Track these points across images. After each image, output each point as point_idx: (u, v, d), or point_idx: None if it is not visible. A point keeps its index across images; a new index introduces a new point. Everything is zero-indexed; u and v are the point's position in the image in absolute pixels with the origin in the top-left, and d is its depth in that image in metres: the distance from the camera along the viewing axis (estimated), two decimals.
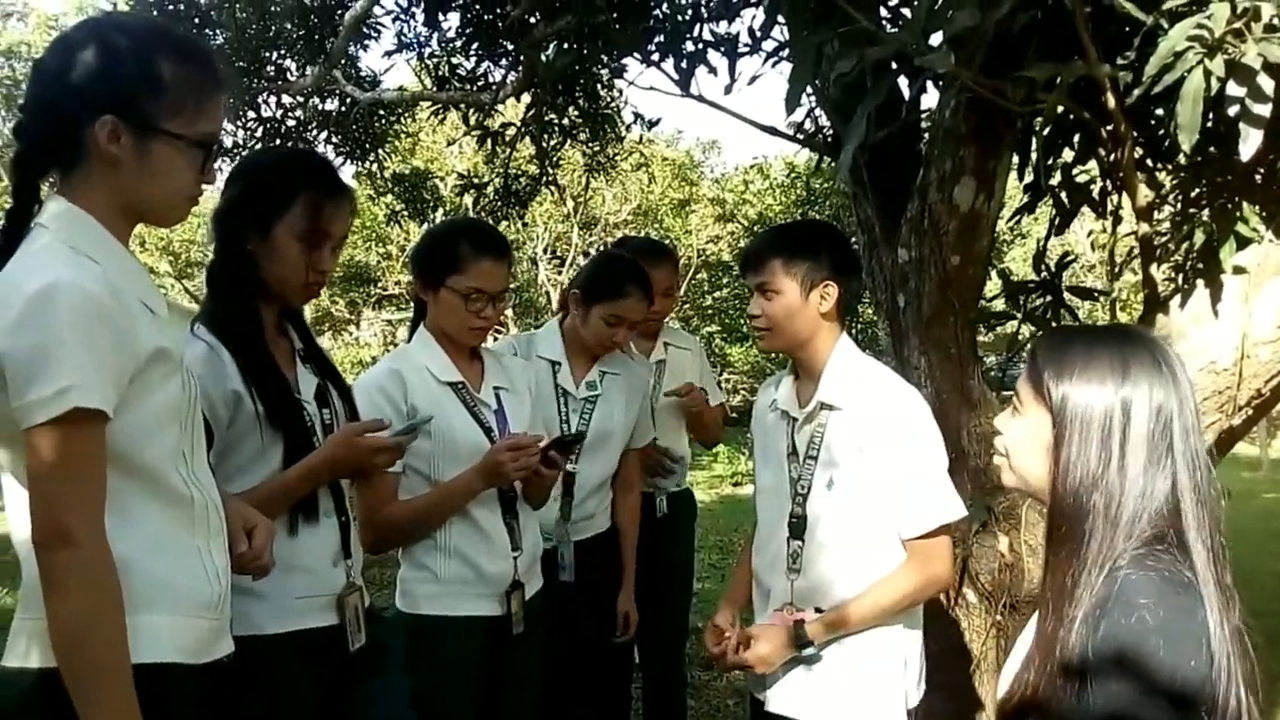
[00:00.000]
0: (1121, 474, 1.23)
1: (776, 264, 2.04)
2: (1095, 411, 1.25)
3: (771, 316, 2.05)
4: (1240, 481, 10.65)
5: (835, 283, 2.03)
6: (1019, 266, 14.34)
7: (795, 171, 14.83)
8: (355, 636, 1.88)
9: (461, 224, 2.56)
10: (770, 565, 2.11)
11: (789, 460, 2.09)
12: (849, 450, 2.00)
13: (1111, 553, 1.22)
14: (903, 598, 2.00)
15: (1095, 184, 2.79)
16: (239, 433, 1.80)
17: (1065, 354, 1.30)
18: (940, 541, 2.01)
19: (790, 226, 2.29)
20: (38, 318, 1.25)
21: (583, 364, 2.83)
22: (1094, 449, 1.25)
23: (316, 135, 5.21)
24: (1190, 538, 1.21)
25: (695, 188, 17.22)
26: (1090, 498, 1.24)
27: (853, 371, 2.05)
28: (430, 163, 12.87)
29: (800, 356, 2.10)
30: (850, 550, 2.01)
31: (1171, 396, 1.25)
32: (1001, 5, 1.94)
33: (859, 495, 1.99)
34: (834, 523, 2.01)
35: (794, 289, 2.02)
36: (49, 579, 1.26)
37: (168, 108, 1.38)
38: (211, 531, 1.47)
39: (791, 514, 2.05)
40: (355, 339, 17.89)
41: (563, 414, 2.78)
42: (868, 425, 1.99)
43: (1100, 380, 1.26)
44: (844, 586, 2.00)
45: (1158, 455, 1.23)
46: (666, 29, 3.11)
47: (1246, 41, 1.68)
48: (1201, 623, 1.15)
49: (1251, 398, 2.36)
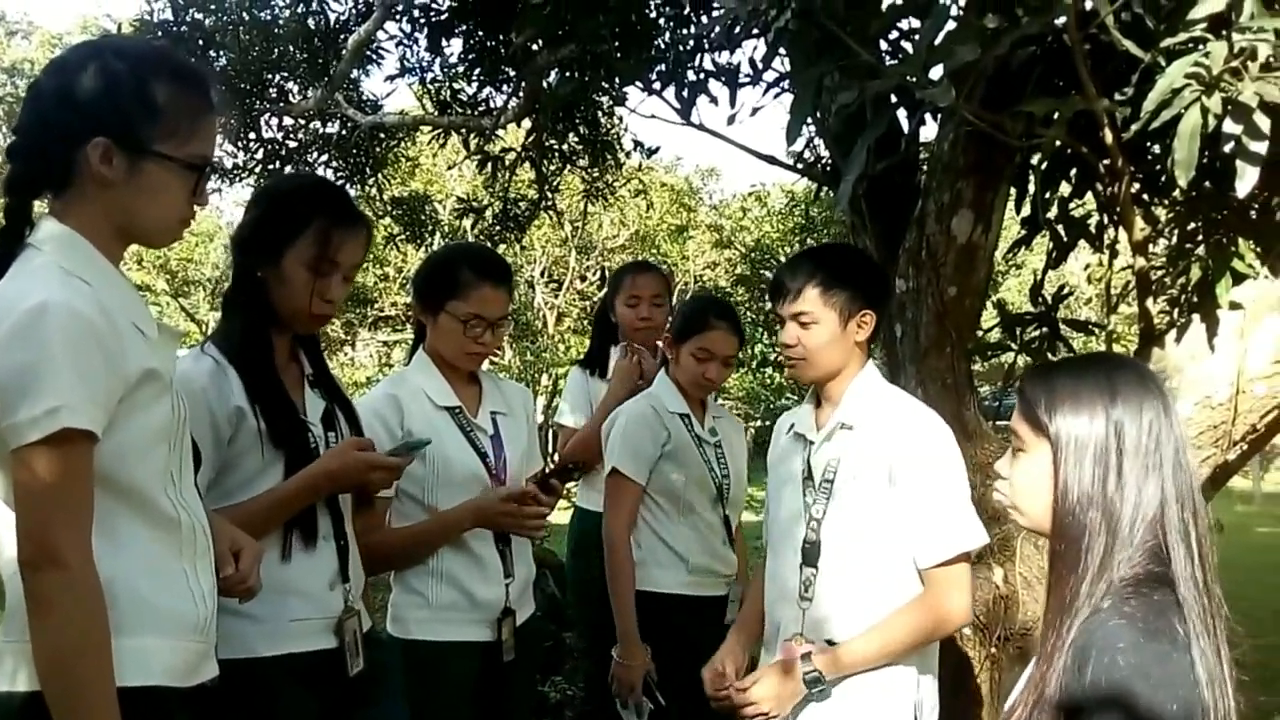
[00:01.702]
0: (1120, 490, 1.28)
1: (814, 294, 1.96)
2: (1089, 435, 1.30)
3: (809, 347, 1.98)
4: (1234, 515, 10.65)
5: (873, 312, 1.98)
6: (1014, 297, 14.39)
7: (794, 199, 14.91)
8: (354, 661, 1.87)
9: (463, 249, 2.55)
10: (781, 595, 2.03)
11: (804, 484, 2.02)
12: (866, 474, 1.93)
13: (1110, 563, 1.26)
14: (916, 635, 1.90)
15: (1092, 218, 2.81)
16: (240, 450, 1.80)
17: (1054, 385, 1.35)
18: (958, 571, 1.90)
19: (824, 253, 2.11)
20: (27, 337, 1.24)
21: (698, 411, 2.83)
22: (1089, 470, 1.29)
23: (317, 158, 5.23)
24: (1172, 540, 1.26)
25: (693, 214, 17.30)
26: (1088, 515, 1.28)
27: (873, 395, 2.00)
28: (429, 185, 12.92)
29: (828, 384, 2.03)
30: (864, 579, 1.92)
31: (1160, 417, 1.30)
32: (1001, 41, 1.96)
33: (875, 521, 1.91)
34: (848, 549, 1.93)
35: (833, 319, 1.96)
36: (35, 600, 1.25)
37: (161, 130, 1.38)
38: (198, 553, 1.45)
39: (805, 540, 1.97)
40: (351, 360, 17.86)
41: (708, 460, 2.78)
42: (886, 448, 1.92)
43: (1090, 404, 1.30)
44: (857, 618, 1.91)
45: (1149, 469, 1.28)
46: (668, 58, 3.14)
47: (1243, 80, 1.70)
48: (1178, 665, 1.17)
49: (1246, 432, 2.37)
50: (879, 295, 2.03)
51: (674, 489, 2.76)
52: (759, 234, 16.02)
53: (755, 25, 2.83)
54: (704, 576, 2.78)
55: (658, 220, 16.64)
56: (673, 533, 2.75)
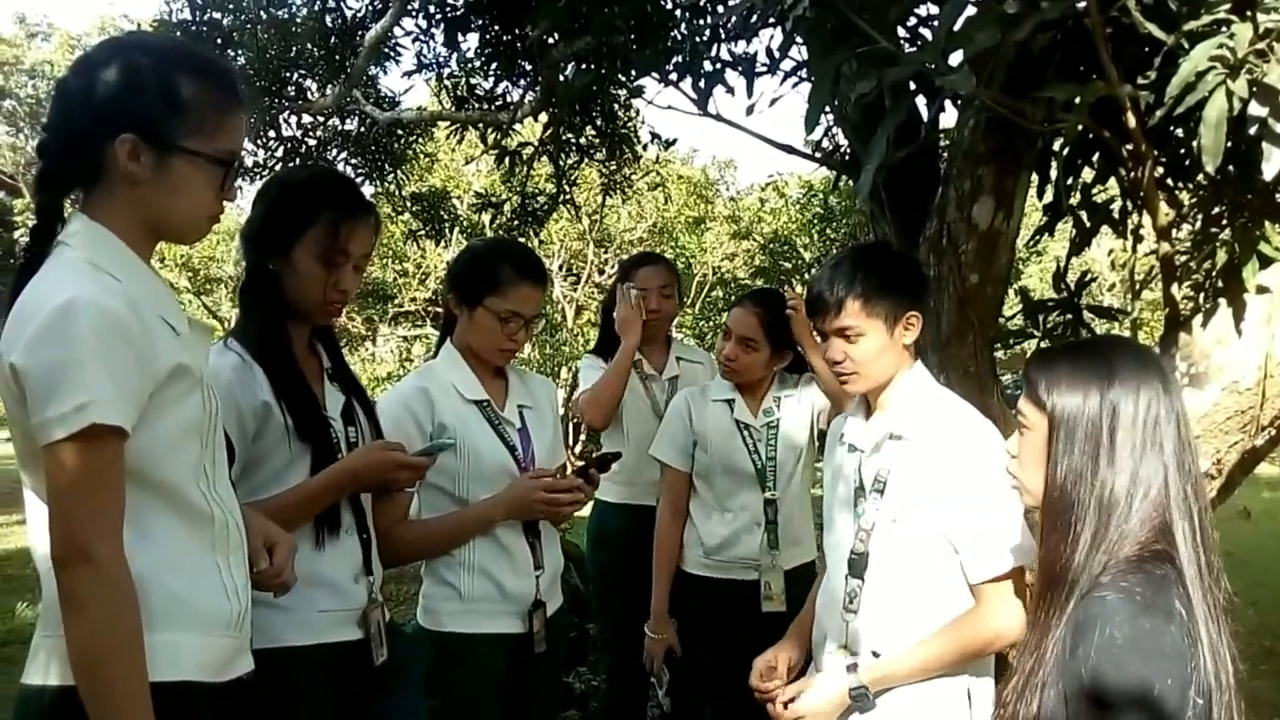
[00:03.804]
0: (1111, 467, 1.32)
1: (855, 306, 1.87)
2: (1083, 413, 1.34)
3: (859, 360, 1.90)
4: (1261, 501, 10.55)
5: (917, 311, 1.92)
6: (1037, 284, 14.29)
7: (812, 189, 14.84)
8: (378, 651, 1.90)
9: (504, 246, 2.55)
10: (828, 604, 1.98)
11: (855, 495, 1.96)
12: (916, 485, 1.86)
13: (1104, 537, 1.29)
14: (965, 650, 1.83)
15: (1115, 203, 2.78)
16: (267, 445, 1.82)
17: (1055, 365, 1.41)
18: (1010, 586, 1.81)
19: (859, 260, 1.95)
20: (57, 334, 1.25)
21: (750, 395, 2.88)
22: (1080, 446, 1.34)
23: (336, 155, 5.25)
24: (1174, 517, 1.29)
25: (711, 205, 17.24)
26: (1077, 490, 1.33)
27: (924, 402, 1.93)
28: (448, 181, 12.94)
29: (878, 391, 1.96)
30: (912, 592, 1.86)
31: (1160, 397, 1.33)
32: (1021, 26, 1.93)
33: (924, 534, 1.85)
34: (896, 562, 1.87)
35: (879, 328, 1.88)
36: (67, 596, 1.26)
37: (187, 125, 1.39)
38: (231, 548, 1.47)
39: (852, 551, 1.92)
40: (371, 355, 17.94)
41: (750, 445, 2.83)
42: (937, 459, 1.84)
43: (1086, 383, 1.35)
44: (904, 631, 1.85)
45: (1148, 447, 1.32)
46: (685, 49, 3.13)
47: (1269, 61, 1.67)
48: (1173, 640, 1.20)
49: (1275, 417, 2.34)
50: (920, 292, 1.96)
51: (702, 473, 2.87)
52: (777, 224, 15.96)
53: (772, 14, 2.82)
54: (724, 561, 2.82)
55: (675, 212, 16.59)
56: (697, 515, 2.88)
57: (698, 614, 2.86)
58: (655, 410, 3.23)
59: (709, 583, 2.84)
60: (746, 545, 2.80)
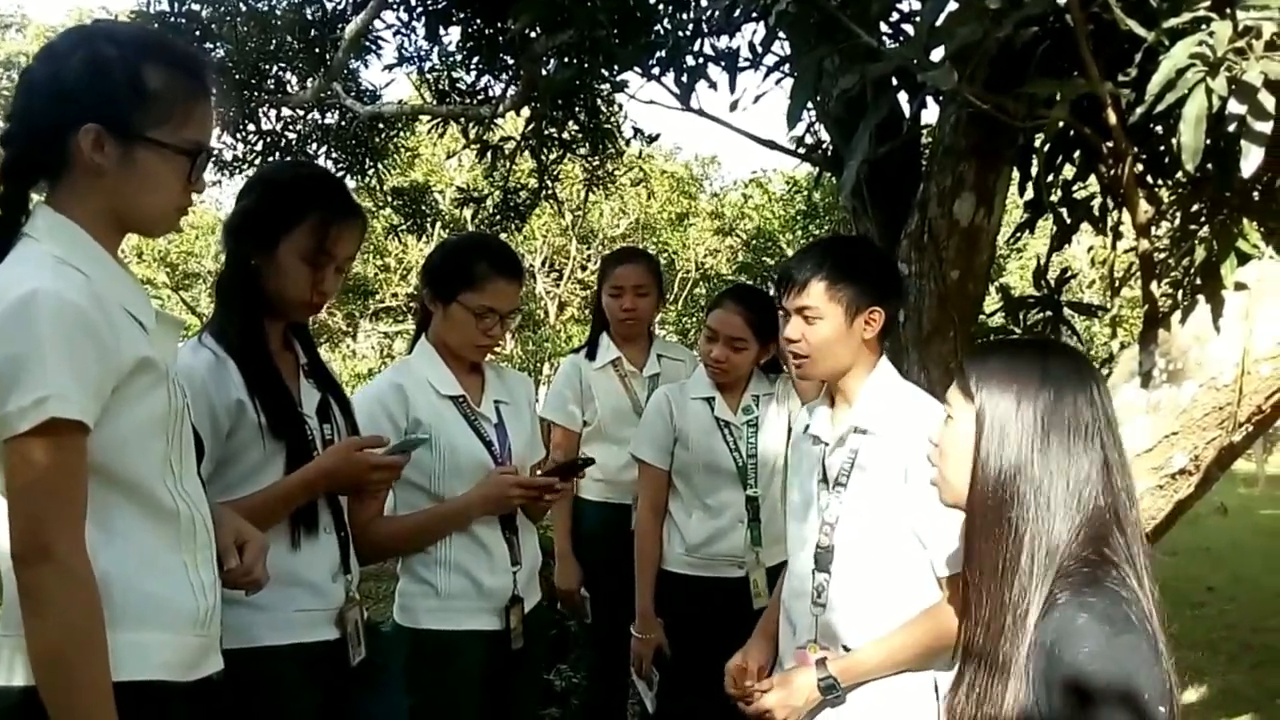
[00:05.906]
0: (1045, 457, 1.32)
1: (820, 288, 1.88)
2: (1014, 409, 1.34)
3: (813, 344, 1.90)
4: (1237, 498, 10.66)
5: (881, 309, 1.91)
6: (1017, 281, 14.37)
7: (795, 185, 14.88)
8: (356, 651, 1.88)
9: (479, 240, 2.54)
10: (795, 598, 1.98)
11: (819, 488, 1.97)
12: (882, 478, 1.87)
13: (1042, 531, 1.29)
14: (935, 642, 1.80)
15: (1095, 200, 2.79)
16: (241, 443, 1.80)
17: (988, 359, 1.42)
18: None
19: (833, 245, 2.04)
20: (16, 327, 1.23)
21: (730, 393, 2.86)
22: (1013, 439, 1.33)
23: (316, 149, 5.21)
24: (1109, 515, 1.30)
25: (694, 202, 17.26)
26: (1013, 485, 1.32)
27: (889, 396, 1.93)
28: (429, 176, 12.90)
29: (837, 383, 1.97)
30: (879, 585, 1.86)
31: (1092, 392, 1.35)
32: (1003, 22, 1.93)
33: (890, 526, 1.85)
34: (862, 555, 1.87)
35: (838, 315, 1.88)
36: (27, 594, 1.24)
37: (153, 115, 1.36)
38: (199, 545, 1.44)
39: (818, 545, 1.92)
40: (352, 351, 17.88)
41: (730, 443, 2.81)
42: (903, 452, 1.83)
43: (1019, 380, 1.36)
44: (871, 624, 1.85)
45: (1083, 440, 1.32)
46: (667, 44, 3.12)
47: (1248, 59, 1.68)
48: (1143, 651, 1.20)
49: (1252, 414, 2.35)
50: (889, 292, 1.95)
51: (681, 471, 2.85)
52: (760, 221, 16.00)
53: (754, 9, 2.81)
54: (708, 559, 2.80)
55: (658, 208, 16.62)
56: (677, 513, 2.86)
57: (686, 613, 2.83)
58: (636, 409, 3.21)
59: (695, 581, 2.82)
60: (730, 542, 2.79)
